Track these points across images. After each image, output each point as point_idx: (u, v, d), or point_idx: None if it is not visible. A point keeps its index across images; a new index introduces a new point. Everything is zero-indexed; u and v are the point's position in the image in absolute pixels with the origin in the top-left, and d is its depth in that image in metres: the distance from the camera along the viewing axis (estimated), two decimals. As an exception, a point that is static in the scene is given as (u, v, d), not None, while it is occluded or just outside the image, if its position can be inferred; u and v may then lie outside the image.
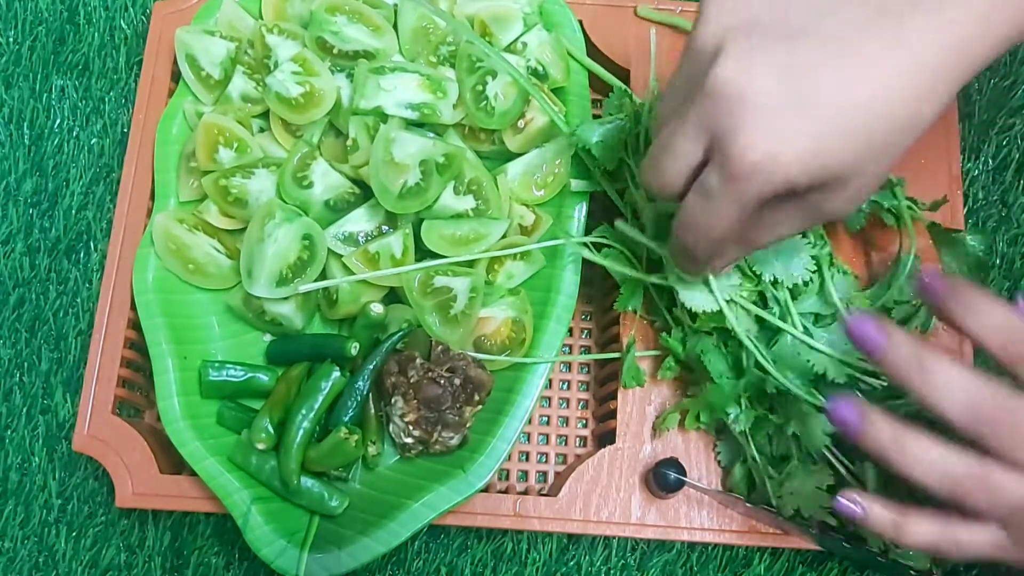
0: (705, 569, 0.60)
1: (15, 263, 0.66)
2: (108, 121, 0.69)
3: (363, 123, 0.60)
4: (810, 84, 0.38)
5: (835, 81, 0.38)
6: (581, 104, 0.64)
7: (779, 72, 0.38)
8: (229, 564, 0.61)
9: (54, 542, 0.61)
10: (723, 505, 0.58)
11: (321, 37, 0.62)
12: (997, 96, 0.70)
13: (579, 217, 0.61)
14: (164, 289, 0.59)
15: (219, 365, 0.59)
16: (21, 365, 0.64)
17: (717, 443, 0.59)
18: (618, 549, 0.61)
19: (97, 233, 0.67)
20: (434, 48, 0.63)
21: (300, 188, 0.60)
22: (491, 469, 0.55)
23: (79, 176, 0.68)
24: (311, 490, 0.56)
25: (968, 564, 0.60)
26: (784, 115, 0.38)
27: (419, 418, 0.55)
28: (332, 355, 0.58)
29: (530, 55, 0.64)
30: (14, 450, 0.62)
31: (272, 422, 0.57)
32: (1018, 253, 0.67)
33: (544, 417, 0.63)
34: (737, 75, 0.38)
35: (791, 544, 0.57)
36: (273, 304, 0.59)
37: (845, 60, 0.38)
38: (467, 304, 0.59)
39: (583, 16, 0.67)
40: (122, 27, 0.71)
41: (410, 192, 0.58)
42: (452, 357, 0.57)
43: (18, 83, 0.70)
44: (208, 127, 0.60)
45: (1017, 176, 0.68)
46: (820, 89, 0.38)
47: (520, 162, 0.62)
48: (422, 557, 0.61)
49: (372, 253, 0.58)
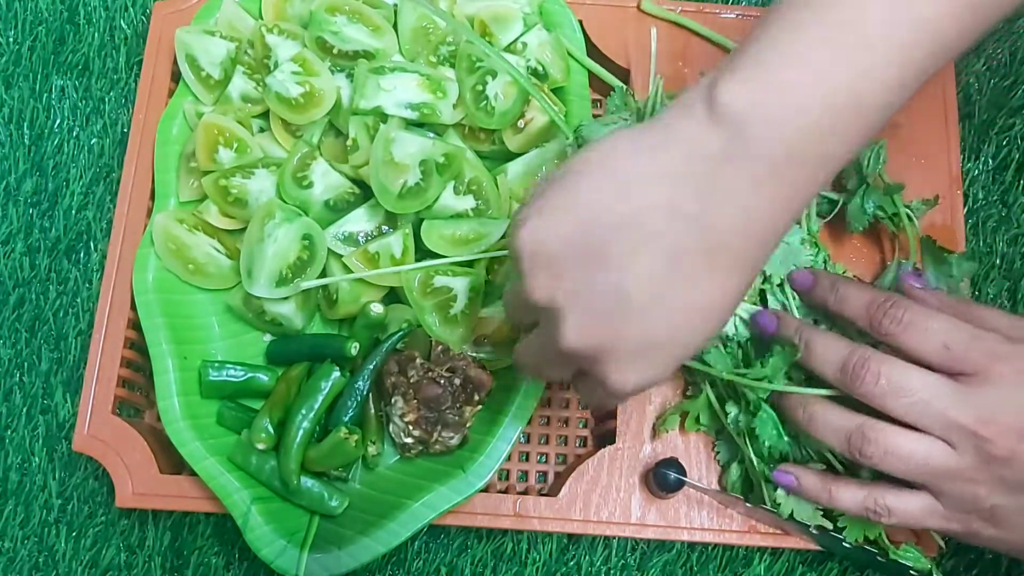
0: (705, 569, 0.60)
1: (15, 263, 0.66)
2: (108, 121, 0.69)
3: (363, 123, 0.60)
4: (625, 331, 0.40)
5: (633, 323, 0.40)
6: (581, 104, 0.64)
7: (601, 329, 0.41)
8: (229, 564, 0.61)
9: (54, 542, 0.61)
10: (723, 505, 0.58)
11: (321, 37, 0.62)
12: (997, 96, 0.70)
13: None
14: (164, 289, 0.59)
15: (219, 365, 0.59)
16: (21, 365, 0.64)
17: (716, 443, 0.59)
18: (618, 549, 0.61)
19: (97, 233, 0.67)
20: (434, 48, 0.63)
21: (300, 188, 0.60)
22: (491, 469, 0.55)
23: (79, 176, 0.68)
24: (311, 490, 0.56)
25: (968, 564, 0.60)
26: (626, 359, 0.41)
27: (419, 418, 0.55)
28: (332, 355, 0.58)
29: (530, 55, 0.64)
30: (14, 450, 0.62)
31: (272, 422, 0.57)
32: (1018, 253, 0.67)
33: (544, 417, 0.63)
34: (581, 339, 0.41)
35: (791, 544, 0.57)
36: (273, 304, 0.59)
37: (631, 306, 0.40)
38: (467, 304, 0.59)
39: (583, 16, 0.67)
40: (122, 27, 0.71)
41: (410, 192, 0.58)
42: (452, 357, 0.57)
43: (18, 83, 0.70)
44: (208, 127, 0.60)
45: (1017, 176, 0.68)
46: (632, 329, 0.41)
47: (520, 162, 0.62)
48: (422, 557, 0.61)
49: (372, 253, 0.58)
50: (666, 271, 0.39)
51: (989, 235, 0.67)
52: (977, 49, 0.71)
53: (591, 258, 0.39)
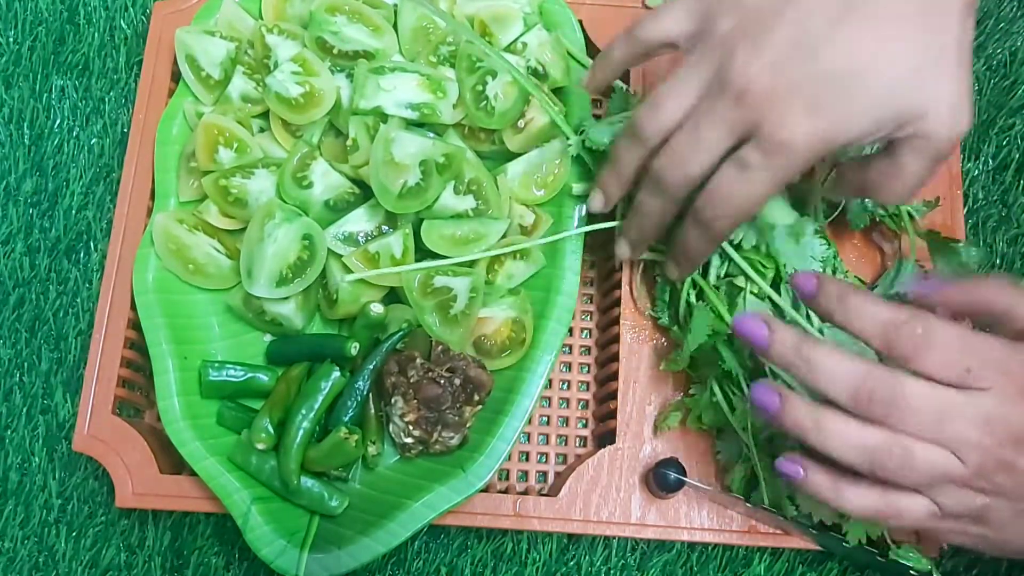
0: (705, 569, 0.60)
1: (15, 263, 0.66)
2: (108, 121, 0.69)
3: (363, 123, 0.60)
4: (820, 61, 0.44)
5: (836, 54, 0.45)
6: (581, 104, 0.64)
7: (790, 59, 0.45)
8: (229, 564, 0.61)
9: (54, 542, 0.61)
10: (723, 505, 0.58)
11: (321, 37, 0.62)
12: (997, 96, 0.70)
13: (579, 217, 0.61)
14: (164, 289, 0.59)
15: (219, 365, 0.59)
16: (21, 365, 0.64)
17: (717, 443, 0.59)
18: (618, 549, 0.61)
19: (97, 233, 0.67)
20: (434, 48, 0.63)
21: (300, 188, 0.60)
22: (491, 469, 0.55)
23: (79, 176, 0.68)
24: (311, 490, 0.56)
25: (968, 564, 0.60)
26: (811, 93, 0.44)
27: (419, 418, 0.55)
28: (332, 355, 0.58)
29: (530, 55, 0.64)
30: (14, 450, 0.62)
31: (272, 422, 0.57)
32: (1018, 253, 0.67)
33: (544, 417, 0.63)
34: (761, 71, 0.45)
35: (791, 544, 0.57)
36: (273, 304, 0.59)
37: (834, 34, 0.45)
38: (467, 304, 0.59)
39: (583, 16, 0.67)
40: (122, 27, 0.71)
41: (410, 192, 0.58)
42: (452, 357, 0.57)
43: (18, 83, 0.70)
44: (208, 127, 0.60)
45: (1017, 176, 0.68)
46: (830, 63, 0.44)
47: (520, 162, 0.62)
48: (422, 557, 0.61)
49: (372, 253, 0.58)
50: (843, 8, 0.44)
51: (989, 235, 0.67)
52: (977, 49, 0.71)
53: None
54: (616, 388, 0.60)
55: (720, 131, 0.47)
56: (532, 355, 0.58)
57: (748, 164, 0.47)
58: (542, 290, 0.60)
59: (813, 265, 0.55)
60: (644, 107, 0.50)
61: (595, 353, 0.65)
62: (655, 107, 0.49)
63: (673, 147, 0.49)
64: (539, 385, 0.57)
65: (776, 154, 0.46)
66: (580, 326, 0.66)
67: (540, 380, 0.58)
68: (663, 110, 0.49)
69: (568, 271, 0.60)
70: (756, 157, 0.46)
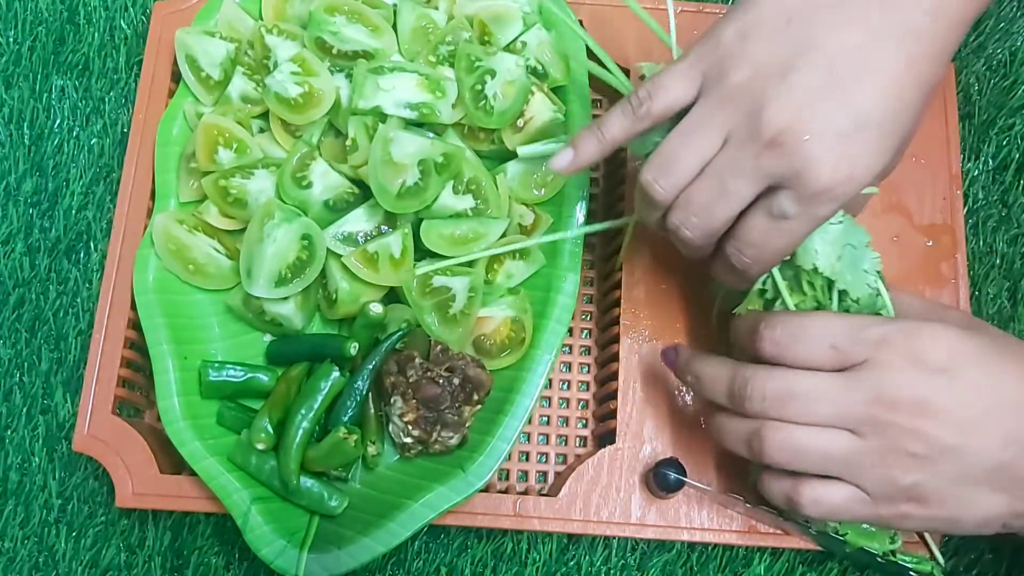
0: (705, 569, 0.60)
1: (15, 263, 0.66)
2: (108, 121, 0.69)
3: (362, 123, 0.60)
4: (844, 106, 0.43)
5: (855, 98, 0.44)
6: (582, 104, 0.64)
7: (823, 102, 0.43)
8: (229, 564, 0.61)
9: (54, 542, 0.61)
10: (723, 505, 0.58)
11: (320, 37, 0.62)
12: (997, 96, 0.70)
13: (579, 217, 0.61)
14: (164, 289, 0.59)
15: (219, 365, 0.59)
16: (21, 365, 0.64)
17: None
18: (618, 549, 0.61)
19: (97, 233, 0.67)
20: (433, 48, 0.63)
21: (299, 188, 0.60)
22: (491, 469, 0.55)
23: (79, 176, 0.68)
24: (311, 490, 0.56)
25: (968, 564, 0.60)
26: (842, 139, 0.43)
27: (418, 418, 0.55)
28: (332, 355, 0.58)
29: (530, 54, 0.64)
30: (14, 450, 0.62)
31: (272, 422, 0.57)
32: (1018, 253, 0.67)
33: (544, 417, 0.63)
34: (792, 121, 0.43)
35: (791, 544, 0.57)
36: (273, 304, 0.59)
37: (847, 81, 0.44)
38: (466, 304, 0.59)
39: (583, 16, 0.67)
40: (122, 27, 0.71)
41: (409, 192, 0.58)
42: (451, 357, 0.57)
43: (18, 83, 0.70)
44: (208, 128, 0.60)
45: (1017, 176, 0.68)
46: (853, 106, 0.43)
47: (520, 162, 0.62)
48: (422, 557, 0.61)
49: (371, 253, 0.58)
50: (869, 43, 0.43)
51: (989, 235, 0.67)
52: (977, 49, 0.71)
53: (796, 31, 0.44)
54: (616, 388, 0.60)
55: (749, 180, 0.45)
56: (532, 355, 0.58)
57: (785, 214, 0.45)
58: (542, 290, 0.60)
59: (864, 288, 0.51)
60: (655, 165, 0.47)
61: (595, 353, 0.65)
62: (669, 163, 0.47)
63: (694, 200, 0.47)
64: (539, 385, 0.57)
65: (815, 202, 0.44)
66: (580, 326, 0.66)
67: (540, 380, 0.58)
68: (680, 165, 0.47)
69: (568, 271, 0.60)
70: (793, 206, 0.45)
